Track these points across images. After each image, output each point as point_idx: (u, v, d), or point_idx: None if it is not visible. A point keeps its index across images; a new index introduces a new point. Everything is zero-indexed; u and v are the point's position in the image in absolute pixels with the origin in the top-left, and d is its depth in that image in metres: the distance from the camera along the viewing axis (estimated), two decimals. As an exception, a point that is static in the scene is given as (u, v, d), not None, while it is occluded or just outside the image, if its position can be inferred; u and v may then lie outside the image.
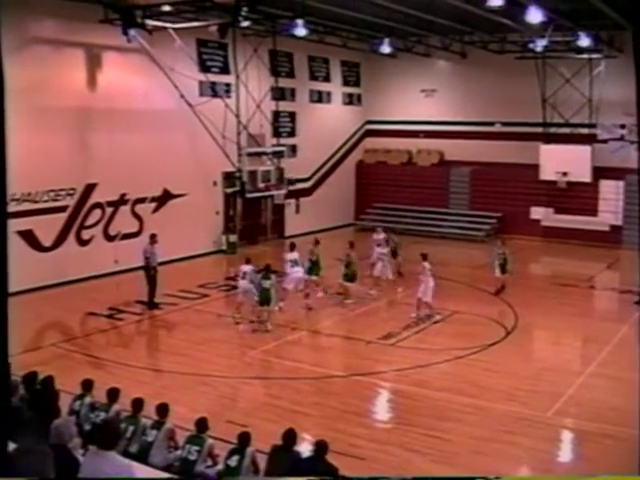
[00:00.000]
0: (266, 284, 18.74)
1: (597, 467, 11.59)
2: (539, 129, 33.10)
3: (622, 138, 32.28)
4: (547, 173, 32.48)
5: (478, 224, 33.61)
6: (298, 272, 21.17)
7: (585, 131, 32.42)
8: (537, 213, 33.35)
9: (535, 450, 12.38)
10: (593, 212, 32.51)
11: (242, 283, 19.72)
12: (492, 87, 33.48)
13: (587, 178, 32.02)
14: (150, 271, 20.90)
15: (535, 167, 32.68)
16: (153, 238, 21.28)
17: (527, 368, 16.69)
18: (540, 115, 32.80)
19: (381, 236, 24.79)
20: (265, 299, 18.73)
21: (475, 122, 34.84)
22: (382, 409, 15.00)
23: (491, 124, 34.35)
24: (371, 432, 13.03)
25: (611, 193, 32.22)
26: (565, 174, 32.11)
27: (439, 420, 13.50)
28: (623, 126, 32.13)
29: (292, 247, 21.93)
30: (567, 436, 13.43)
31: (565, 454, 12.87)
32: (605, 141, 32.38)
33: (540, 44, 28.50)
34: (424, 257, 20.54)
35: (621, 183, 31.96)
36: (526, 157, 32.54)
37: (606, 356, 17.31)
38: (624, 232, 31.89)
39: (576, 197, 32.36)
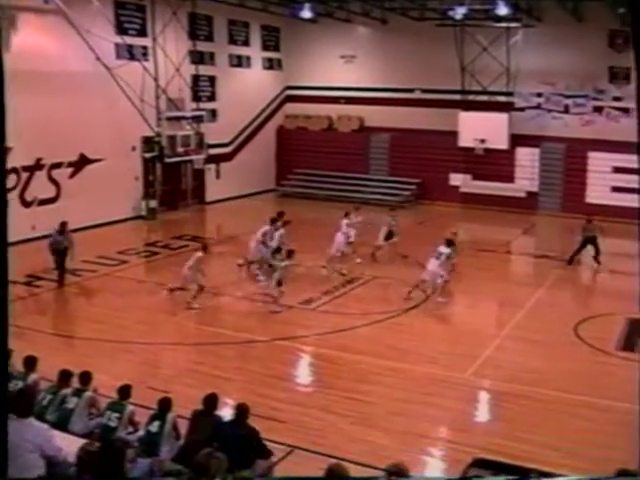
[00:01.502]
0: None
1: (514, 427, 11.95)
2: (458, 96, 33.47)
3: (539, 106, 32.96)
4: (465, 140, 32.90)
5: (398, 190, 33.91)
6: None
7: (503, 99, 32.94)
8: (456, 179, 33.82)
9: (453, 410, 12.69)
10: (510, 179, 33.14)
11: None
12: (412, 54, 33.65)
13: (504, 145, 32.55)
14: (57, 256, 19.81)
15: (454, 134, 33.06)
16: (63, 227, 19.90)
17: (445, 331, 17.04)
18: (459, 83, 33.16)
19: (359, 218, 23.12)
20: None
21: (395, 89, 35.01)
22: (303, 373, 15.14)
23: (411, 91, 34.58)
24: (293, 396, 13.15)
25: (527, 160, 32.88)
26: (483, 141, 32.58)
27: (359, 383, 13.70)
28: (540, 94, 32.79)
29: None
30: (484, 397, 13.80)
31: (482, 414, 13.22)
32: (522, 109, 33.01)
33: (459, 12, 28.81)
34: (346, 214, 22.24)
35: (537, 150, 32.64)
36: (445, 124, 32.89)
37: (522, 319, 17.78)
38: (540, 198, 32.66)
39: (493, 164, 32.90)
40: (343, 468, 7.09)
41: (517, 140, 32.51)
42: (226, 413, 10.26)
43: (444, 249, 19.12)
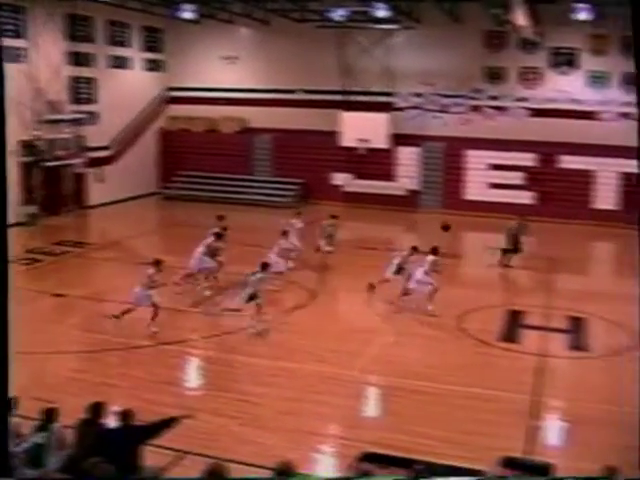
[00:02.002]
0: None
1: (403, 420, 12.17)
2: (339, 97, 33.85)
3: (419, 106, 33.67)
4: (348, 140, 33.29)
5: (282, 190, 34.02)
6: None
7: (383, 99, 33.51)
8: (339, 179, 34.16)
9: (343, 407, 12.82)
10: (392, 177, 33.72)
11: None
12: (294, 55, 33.86)
13: (385, 144, 33.10)
14: None
15: (336, 134, 33.41)
16: None
17: (334, 329, 17.19)
18: (340, 83, 33.54)
19: (300, 225, 22.49)
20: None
21: (277, 89, 35.12)
22: (192, 376, 15.00)
23: (293, 91, 34.78)
24: (181, 400, 12.99)
25: (409, 159, 33.53)
26: (365, 141, 33.04)
27: (249, 384, 13.70)
28: (420, 95, 33.50)
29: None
30: (374, 392, 14.00)
31: (372, 409, 13.42)
32: (402, 109, 33.66)
33: (339, 13, 29.15)
34: (220, 218, 21.68)
35: (418, 149, 33.32)
36: (327, 124, 33.19)
37: (408, 315, 18.13)
38: (421, 196, 33.36)
39: (375, 163, 33.42)
40: (223, 467, 7.07)
41: (399, 139, 33.12)
42: (112, 420, 10.08)
43: (429, 257, 18.66)
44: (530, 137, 31.70)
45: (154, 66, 36.38)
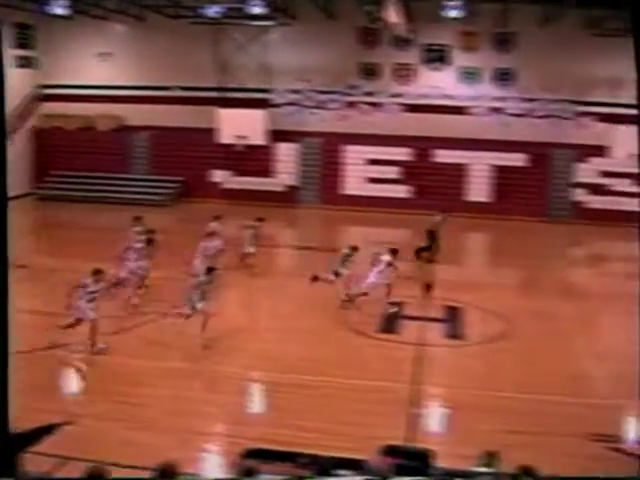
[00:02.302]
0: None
1: (287, 415, 12.28)
2: (216, 94, 33.70)
3: (296, 103, 33.87)
4: (225, 137, 33.13)
5: (160, 188, 33.61)
6: None
7: (260, 96, 33.56)
8: (217, 176, 33.99)
9: (227, 405, 12.82)
10: (270, 173, 33.81)
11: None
12: (169, 52, 33.45)
13: (263, 141, 33.15)
14: None
15: (214, 131, 33.24)
16: None
17: (216, 327, 17.11)
18: (217, 80, 33.39)
19: (220, 228, 21.87)
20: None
21: (153, 87, 34.66)
22: (72, 382, 14.68)
23: (169, 88, 34.40)
24: (62, 406, 12.72)
25: (287, 155, 33.69)
26: (242, 137, 32.98)
27: (133, 386, 13.49)
28: (297, 91, 33.71)
29: None
30: (257, 388, 14.05)
31: (256, 406, 13.47)
32: (279, 105, 33.80)
33: (213, 10, 29.01)
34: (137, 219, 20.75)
35: (296, 145, 33.52)
36: (205, 121, 32.96)
37: (289, 310, 18.28)
38: (300, 192, 33.58)
39: (254, 159, 33.42)
40: (103, 470, 7.00)
41: (277, 136, 33.23)
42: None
43: (385, 257, 18.51)
44: (405, 132, 32.39)
45: (25, 63, 35.23)
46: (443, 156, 32.78)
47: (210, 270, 16.42)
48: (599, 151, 31.83)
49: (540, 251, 26.39)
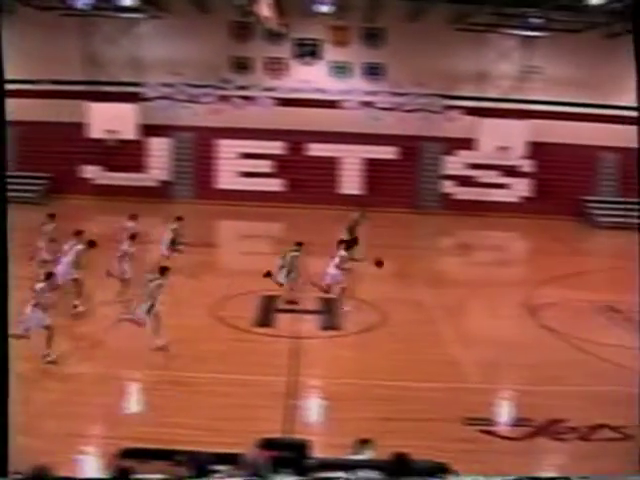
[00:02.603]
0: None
1: (164, 413, 12.16)
2: (86, 87, 32.86)
3: (169, 96, 33.45)
4: (96, 131, 32.37)
5: (27, 185, 32.49)
6: None
7: (132, 89, 32.96)
8: (88, 171, 33.21)
9: (104, 406, 12.54)
10: (143, 168, 33.31)
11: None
12: (38, 44, 31.86)
13: (134, 135, 32.58)
14: None
15: (84, 125, 32.41)
16: None
17: (98, 330, 16.70)
18: (87, 73, 32.56)
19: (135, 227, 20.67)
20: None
21: (20, 80, 33.38)
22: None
23: (36, 82, 33.30)
24: None
25: (160, 150, 33.27)
26: (113, 132, 32.29)
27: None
28: (170, 85, 33.28)
29: None
30: (134, 388, 13.83)
31: (133, 405, 13.27)
32: (152, 99, 33.29)
33: (82, 2, 28.26)
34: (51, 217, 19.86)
35: (168, 140, 33.14)
36: (74, 115, 32.09)
37: (169, 308, 18.05)
38: (173, 187, 33.23)
39: (126, 154, 32.82)
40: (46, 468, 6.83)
41: (150, 130, 32.72)
42: None
43: (341, 252, 18.39)
44: (278, 126, 32.52)
45: None
46: (316, 150, 33.11)
47: (163, 271, 15.59)
48: (467, 144, 32.81)
49: (411, 242, 27.03)
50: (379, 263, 19.17)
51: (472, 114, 33.18)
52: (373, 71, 33.74)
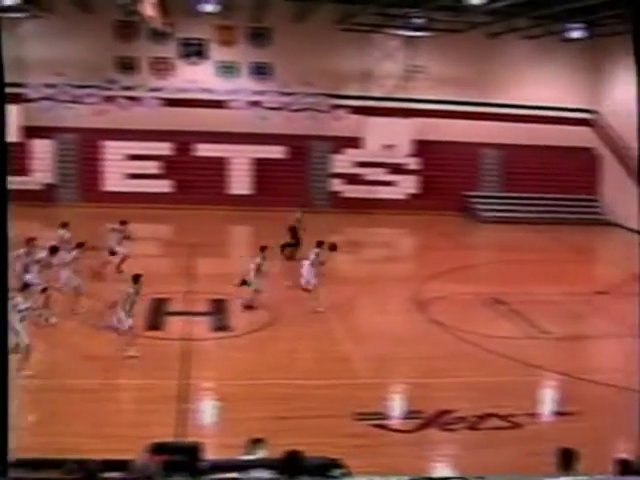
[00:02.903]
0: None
1: (56, 420, 11.88)
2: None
3: (51, 97, 32.60)
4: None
5: None
6: None
7: (13, 90, 31.94)
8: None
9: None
10: (26, 171, 32.34)
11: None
12: None
13: (16, 138, 31.57)
14: None
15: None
16: None
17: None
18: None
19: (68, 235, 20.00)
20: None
21: None
22: None
23: None
24: None
25: (43, 152, 32.39)
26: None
27: None
28: (52, 85, 32.45)
29: None
30: (23, 397, 13.46)
31: (24, 414, 12.90)
32: (34, 100, 32.40)
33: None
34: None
35: (52, 142, 32.32)
36: None
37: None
38: (58, 190, 32.42)
39: (9, 157, 31.78)
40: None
41: (33, 132, 31.78)
42: None
43: (315, 250, 18.84)
44: (165, 127, 32.14)
45: None
46: (204, 150, 32.91)
47: (137, 278, 15.18)
48: (354, 142, 33.22)
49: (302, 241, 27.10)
50: (333, 247, 19.69)
51: (358, 113, 33.63)
52: (260, 71, 33.77)
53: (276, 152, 33.24)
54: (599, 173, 36.40)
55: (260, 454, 8.15)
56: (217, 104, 33.27)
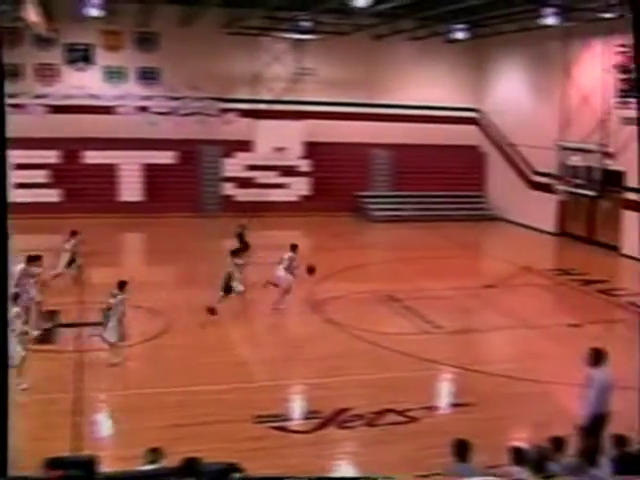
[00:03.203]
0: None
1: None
2: None
3: None
4: None
5: None
6: None
7: None
8: None
9: None
10: None
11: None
12: None
13: None
14: None
15: None
16: None
17: None
18: None
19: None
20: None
21: None
22: None
23: None
24: None
25: None
26: None
27: None
28: None
29: None
30: None
31: None
32: None
33: None
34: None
35: None
36: None
37: None
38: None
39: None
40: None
41: None
42: None
43: (287, 254, 19.40)
44: (52, 134, 31.43)
45: None
46: (92, 157, 32.35)
47: (122, 285, 15.31)
48: (245, 146, 33.24)
49: (194, 246, 26.98)
50: (311, 270, 19.68)
51: (248, 116, 33.67)
52: (147, 76, 33.43)
53: (166, 157, 32.95)
54: (485, 170, 37.47)
55: (158, 464, 8.13)
56: (105, 110, 32.77)
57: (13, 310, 13.42)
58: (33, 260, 17.34)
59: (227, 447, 10.94)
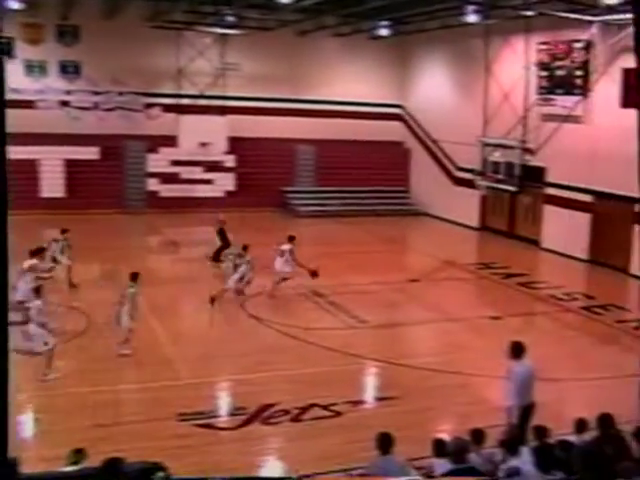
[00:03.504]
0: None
1: None
2: None
3: None
4: None
5: None
6: None
7: None
8: None
9: None
10: None
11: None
12: None
13: None
14: None
15: None
16: None
17: None
18: None
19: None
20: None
21: None
22: None
23: None
24: None
25: None
26: None
27: None
28: None
29: None
30: None
31: None
32: None
33: None
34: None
35: None
36: None
37: None
38: None
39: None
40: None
41: None
42: None
43: (285, 246, 20.05)
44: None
45: None
46: (13, 152, 31.02)
47: (135, 277, 15.75)
48: (169, 141, 32.97)
49: (119, 242, 26.72)
50: (314, 274, 20.52)
51: (172, 111, 33.43)
52: (69, 70, 32.86)
53: (89, 153, 32.42)
54: (409, 166, 37.91)
55: (81, 464, 8.07)
56: (26, 104, 32.04)
57: (36, 303, 14.29)
58: (36, 253, 17.90)
59: (151, 446, 10.89)
